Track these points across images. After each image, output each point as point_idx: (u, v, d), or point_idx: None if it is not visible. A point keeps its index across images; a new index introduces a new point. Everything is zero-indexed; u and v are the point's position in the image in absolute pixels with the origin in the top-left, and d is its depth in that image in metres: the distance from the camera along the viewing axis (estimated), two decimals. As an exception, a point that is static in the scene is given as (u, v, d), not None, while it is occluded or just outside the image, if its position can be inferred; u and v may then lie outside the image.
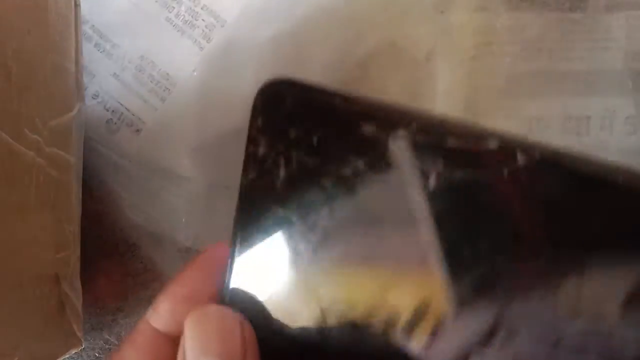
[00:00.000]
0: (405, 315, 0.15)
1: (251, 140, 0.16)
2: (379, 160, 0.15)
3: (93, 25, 0.25)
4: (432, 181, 0.15)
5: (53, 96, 0.20)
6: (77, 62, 0.21)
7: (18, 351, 0.20)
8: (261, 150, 0.16)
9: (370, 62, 0.23)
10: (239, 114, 0.21)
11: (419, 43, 0.22)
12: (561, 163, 0.14)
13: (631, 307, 0.13)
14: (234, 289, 0.17)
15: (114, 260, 0.26)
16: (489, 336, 0.14)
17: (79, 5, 0.21)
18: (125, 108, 0.25)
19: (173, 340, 0.18)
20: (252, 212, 0.17)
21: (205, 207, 0.25)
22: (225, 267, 0.18)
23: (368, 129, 0.15)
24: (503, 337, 0.14)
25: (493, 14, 0.21)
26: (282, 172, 0.16)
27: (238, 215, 0.17)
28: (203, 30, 0.24)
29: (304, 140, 0.16)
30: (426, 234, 0.15)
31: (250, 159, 0.17)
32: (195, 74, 0.24)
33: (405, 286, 0.16)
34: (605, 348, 0.14)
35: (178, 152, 0.25)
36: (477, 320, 0.15)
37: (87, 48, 0.24)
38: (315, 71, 0.23)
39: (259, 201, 0.17)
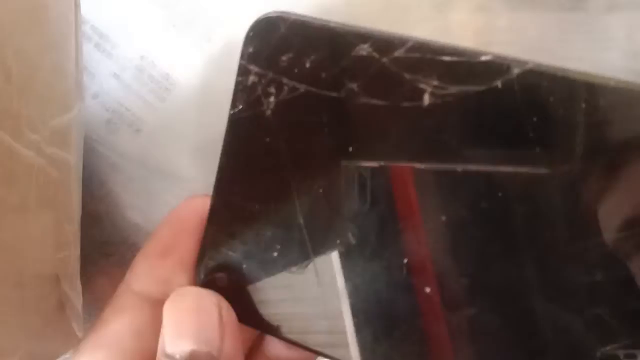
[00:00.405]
0: None
1: (241, 71, 0.16)
2: (374, 81, 0.15)
3: (93, 25, 0.25)
4: (427, 97, 0.14)
5: (53, 96, 0.20)
6: (77, 62, 0.21)
7: (18, 351, 0.20)
8: (251, 79, 0.16)
9: (370, 62, 0.23)
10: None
11: (419, 43, 0.22)
12: (553, 75, 0.13)
13: None
14: (215, 234, 0.17)
15: (114, 260, 0.26)
16: None
17: (79, 5, 0.21)
18: (125, 108, 0.25)
19: (151, 300, 0.17)
20: (239, 146, 0.16)
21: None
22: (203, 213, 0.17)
23: (362, 50, 0.15)
24: None
25: (493, 14, 0.21)
26: (272, 100, 0.16)
27: (225, 150, 0.17)
28: (203, 30, 0.24)
29: (296, 66, 0.15)
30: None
31: (239, 90, 0.16)
32: (195, 73, 0.24)
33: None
34: None
35: (178, 152, 0.25)
36: None
37: (87, 48, 0.24)
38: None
39: (247, 133, 0.16)
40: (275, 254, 0.16)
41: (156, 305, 0.17)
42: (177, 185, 0.25)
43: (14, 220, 0.18)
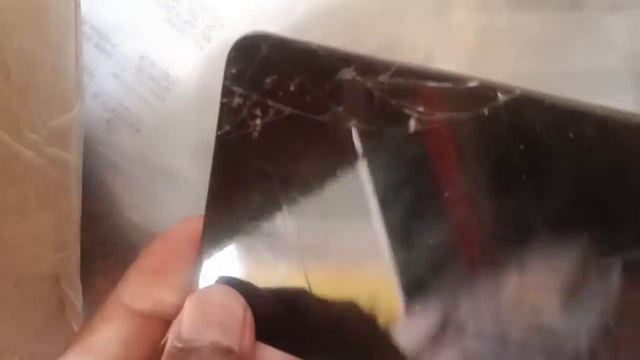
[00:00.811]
0: (362, 301, 0.15)
1: (225, 92, 0.16)
2: (359, 106, 0.15)
3: (93, 25, 0.25)
4: (413, 123, 0.14)
5: (53, 96, 0.20)
6: (77, 62, 0.21)
7: (18, 351, 0.20)
8: (236, 101, 0.16)
9: (370, 62, 0.23)
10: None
11: (418, 43, 0.22)
12: (541, 102, 0.14)
13: (571, 298, 0.13)
14: (209, 252, 0.17)
15: (113, 260, 0.26)
16: (438, 334, 0.14)
17: (79, 5, 0.21)
18: (125, 108, 0.25)
19: (139, 313, 0.18)
20: (228, 166, 0.17)
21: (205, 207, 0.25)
22: (197, 235, 0.17)
23: (346, 73, 0.15)
24: (452, 335, 0.14)
25: (493, 14, 0.21)
26: (258, 122, 0.16)
27: (214, 170, 0.17)
28: (203, 30, 0.24)
29: (280, 88, 0.15)
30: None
31: (225, 111, 0.16)
32: (195, 74, 0.24)
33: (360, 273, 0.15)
34: (547, 342, 0.14)
35: (178, 152, 0.25)
36: (426, 318, 0.15)
37: (87, 48, 0.24)
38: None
39: (234, 154, 0.16)
40: (269, 269, 0.17)
41: (144, 319, 0.17)
42: (177, 185, 0.25)
43: (14, 220, 0.18)
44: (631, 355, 0.13)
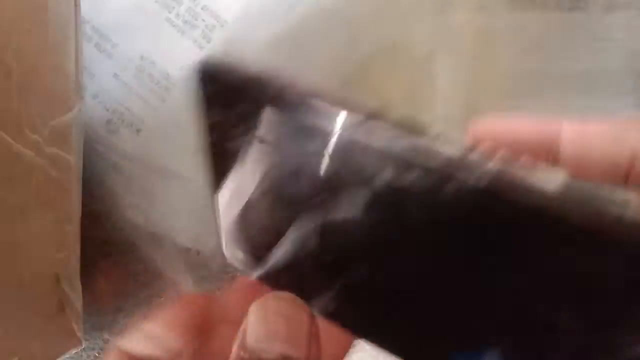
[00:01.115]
0: None
1: (202, 112, 0.17)
2: (337, 151, 0.15)
3: (93, 26, 0.25)
4: (387, 176, 0.14)
5: (53, 96, 0.20)
6: (77, 62, 0.21)
7: (18, 351, 0.20)
8: (211, 122, 0.17)
9: (370, 63, 0.23)
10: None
11: (419, 43, 0.22)
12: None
13: None
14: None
15: (114, 260, 0.26)
16: None
17: (79, 5, 0.21)
18: (125, 108, 0.25)
19: (135, 357, 0.17)
20: (219, 177, 0.17)
21: (205, 207, 0.25)
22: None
23: (311, 117, 0.15)
24: None
25: (493, 14, 0.22)
26: (238, 142, 0.16)
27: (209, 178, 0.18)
28: (203, 30, 0.24)
29: (249, 116, 0.16)
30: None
31: (207, 128, 0.17)
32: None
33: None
34: None
35: (178, 152, 0.25)
36: None
37: (87, 48, 0.24)
38: (314, 71, 0.23)
39: (224, 166, 0.17)
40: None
41: None
42: (177, 185, 0.25)
43: (14, 220, 0.18)
44: None
